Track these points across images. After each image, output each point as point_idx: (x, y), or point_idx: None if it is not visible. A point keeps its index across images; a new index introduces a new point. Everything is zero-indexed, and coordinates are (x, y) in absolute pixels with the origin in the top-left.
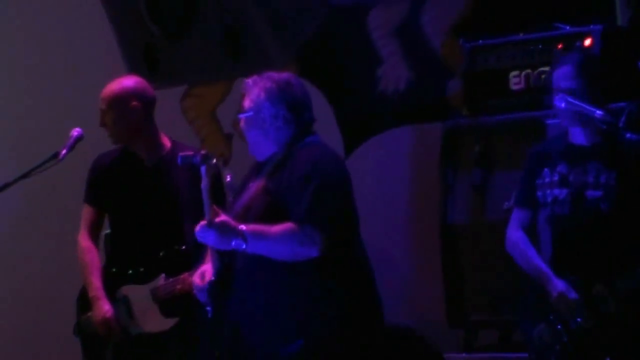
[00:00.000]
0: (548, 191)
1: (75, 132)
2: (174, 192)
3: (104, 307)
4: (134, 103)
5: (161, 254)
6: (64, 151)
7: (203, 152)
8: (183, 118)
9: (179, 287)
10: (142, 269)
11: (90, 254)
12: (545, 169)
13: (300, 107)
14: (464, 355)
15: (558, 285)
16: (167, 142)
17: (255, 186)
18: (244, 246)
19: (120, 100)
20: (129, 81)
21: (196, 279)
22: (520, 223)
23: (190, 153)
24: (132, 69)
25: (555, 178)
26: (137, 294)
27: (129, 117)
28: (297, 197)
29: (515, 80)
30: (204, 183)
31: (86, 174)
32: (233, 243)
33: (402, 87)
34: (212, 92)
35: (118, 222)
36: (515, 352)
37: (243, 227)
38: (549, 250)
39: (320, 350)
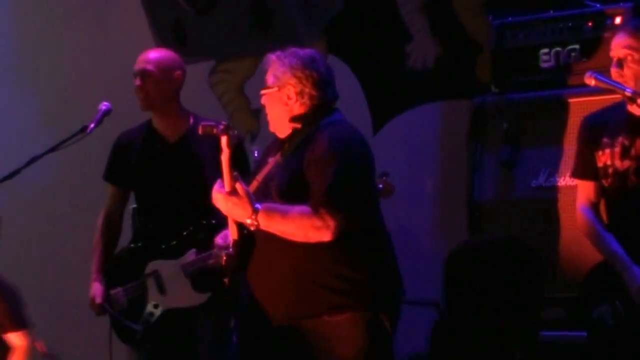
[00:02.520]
0: (609, 162)
1: (104, 106)
2: (199, 167)
3: (93, 291)
4: (178, 72)
5: (191, 228)
6: (91, 125)
7: (224, 122)
8: (211, 93)
9: (210, 261)
10: (174, 243)
11: (97, 234)
12: (604, 139)
13: (324, 84)
14: None
15: (638, 275)
16: (190, 118)
17: (276, 162)
18: (255, 227)
19: (167, 66)
20: (171, 52)
21: (219, 239)
22: (587, 198)
23: (212, 123)
24: (161, 44)
25: (617, 149)
26: (168, 269)
27: (170, 84)
28: (316, 177)
29: (545, 57)
30: (224, 154)
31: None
32: (247, 221)
33: (431, 64)
34: (240, 67)
35: (144, 199)
36: (544, 329)
37: (259, 205)
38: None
39: (339, 325)
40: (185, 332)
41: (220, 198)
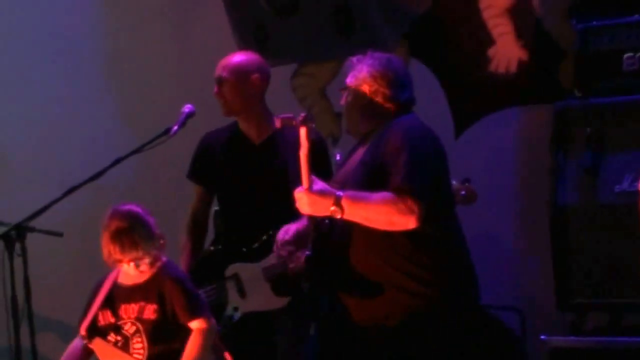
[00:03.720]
0: None
1: (187, 108)
2: (283, 170)
3: None
4: (255, 76)
5: (271, 232)
6: (175, 127)
7: (303, 114)
8: (293, 96)
9: (291, 265)
10: (256, 246)
11: (185, 235)
12: None
13: (399, 85)
14: (572, 338)
15: None
16: (276, 121)
17: (354, 159)
18: (340, 214)
19: (243, 70)
20: (250, 55)
21: (280, 233)
22: None
23: (291, 115)
24: (243, 46)
25: None
26: (248, 272)
27: (247, 88)
28: (392, 167)
29: (629, 62)
30: (303, 146)
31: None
32: (331, 209)
33: (514, 68)
34: (322, 70)
35: (227, 200)
36: (626, 336)
37: (341, 193)
38: None
39: (416, 325)
40: (264, 336)
41: (301, 197)
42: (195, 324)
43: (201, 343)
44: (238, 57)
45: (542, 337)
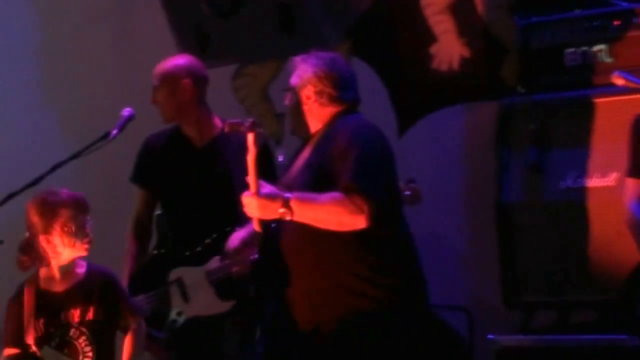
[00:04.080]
0: None
1: (126, 112)
2: (226, 174)
3: None
4: (186, 80)
5: (215, 235)
6: (114, 131)
7: (251, 119)
8: (234, 98)
9: (235, 269)
10: (198, 249)
11: (129, 241)
12: None
13: (344, 84)
14: (520, 337)
15: None
16: (218, 124)
17: (299, 161)
18: (289, 215)
19: (172, 77)
20: (181, 59)
21: (229, 242)
22: (638, 196)
23: (239, 120)
24: (183, 48)
25: None
26: (192, 276)
27: (180, 94)
28: (340, 167)
29: (571, 57)
30: (251, 152)
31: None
32: (280, 211)
33: (456, 65)
34: (263, 70)
35: (170, 204)
36: (573, 333)
37: (289, 195)
38: None
39: (364, 327)
40: (209, 341)
41: (249, 202)
42: (135, 323)
43: (140, 342)
44: (168, 64)
45: (490, 336)
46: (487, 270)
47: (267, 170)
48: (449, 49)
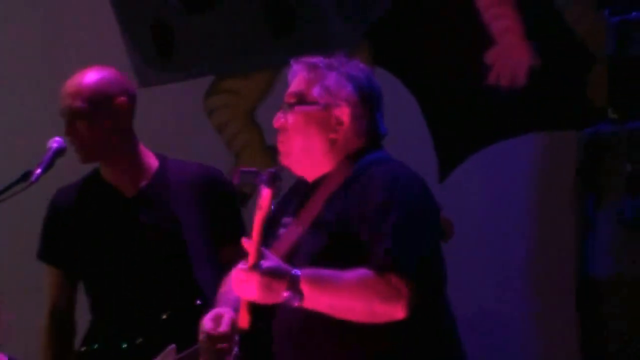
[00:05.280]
0: None
1: (55, 143)
2: (171, 228)
3: None
4: (122, 99)
5: (165, 316)
6: (38, 170)
7: (271, 169)
8: (207, 122)
9: (203, 358)
10: (140, 341)
11: (43, 339)
12: None
13: (377, 107)
14: None
15: None
16: (153, 160)
17: (304, 217)
18: (298, 301)
19: (103, 94)
20: (105, 71)
21: (207, 322)
22: None
23: (254, 169)
24: (136, 53)
25: None
26: None
27: (112, 118)
28: (372, 232)
29: None
30: (262, 210)
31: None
32: (285, 294)
33: (522, 80)
34: (250, 86)
35: (95, 283)
36: None
37: (298, 272)
38: None
39: None
40: None
41: (247, 278)
42: None
43: None
44: (91, 76)
45: None
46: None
47: (229, 222)
48: (511, 55)
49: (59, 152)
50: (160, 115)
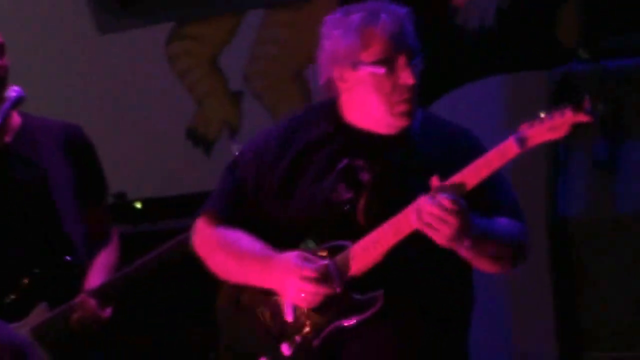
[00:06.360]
0: None
1: (13, 92)
2: (39, 183)
3: None
4: None
5: (35, 271)
6: None
7: None
8: (169, 70)
9: (76, 315)
10: (11, 298)
11: None
12: None
13: None
14: None
15: None
16: (15, 117)
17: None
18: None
19: None
20: None
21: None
22: None
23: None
24: (96, 1)
25: None
26: None
27: None
28: (500, 185)
29: None
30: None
31: None
32: (467, 243)
33: (491, 20)
34: (211, 31)
35: None
36: None
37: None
38: None
39: None
40: None
41: (437, 214)
42: None
43: None
44: None
45: None
46: (537, 316)
47: (91, 183)
48: None
49: (18, 101)
50: (121, 62)
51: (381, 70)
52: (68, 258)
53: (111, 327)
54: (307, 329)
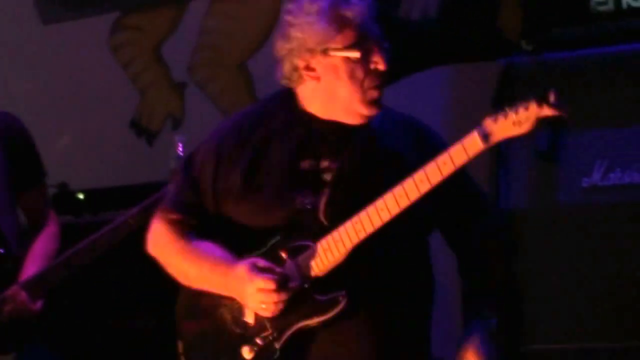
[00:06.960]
0: None
1: None
2: None
3: None
4: None
5: None
6: None
7: None
8: (113, 60)
9: (7, 308)
10: None
11: None
12: None
13: None
14: None
15: None
16: None
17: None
18: None
19: None
20: None
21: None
22: None
23: None
24: None
25: None
26: None
27: None
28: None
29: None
30: None
31: None
32: None
33: (433, 11)
34: (155, 22)
35: None
36: None
37: None
38: None
39: None
40: None
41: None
42: None
43: None
44: None
45: None
46: None
47: (27, 168)
48: None
49: None
50: (64, 53)
51: (357, 53)
52: (1, 250)
53: (58, 317)
54: (268, 331)
